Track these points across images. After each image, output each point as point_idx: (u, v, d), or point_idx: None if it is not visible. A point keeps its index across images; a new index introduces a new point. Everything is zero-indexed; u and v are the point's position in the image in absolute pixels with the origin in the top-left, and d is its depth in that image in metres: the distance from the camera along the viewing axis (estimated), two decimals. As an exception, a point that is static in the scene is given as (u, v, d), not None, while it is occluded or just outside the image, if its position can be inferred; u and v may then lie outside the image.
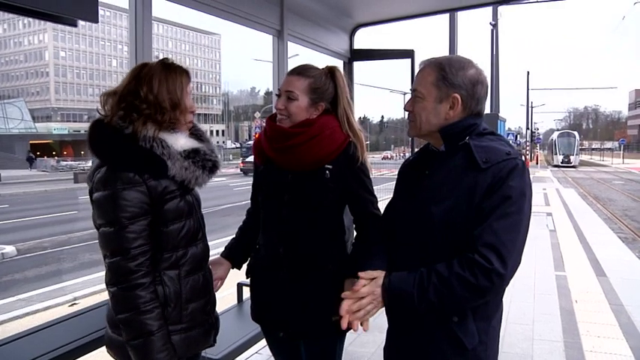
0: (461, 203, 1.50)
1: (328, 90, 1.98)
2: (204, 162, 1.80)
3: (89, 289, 6.80)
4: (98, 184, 1.64)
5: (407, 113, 1.69)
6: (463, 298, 1.45)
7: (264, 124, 2.17)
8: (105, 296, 1.81)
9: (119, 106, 1.68)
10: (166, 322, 1.68)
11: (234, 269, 2.20)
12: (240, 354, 2.83)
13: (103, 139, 1.69)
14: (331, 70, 2.01)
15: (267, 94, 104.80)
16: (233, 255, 2.18)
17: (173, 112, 1.71)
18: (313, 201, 1.94)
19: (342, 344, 2.13)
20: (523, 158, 1.61)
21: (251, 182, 2.17)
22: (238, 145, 63.00)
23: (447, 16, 4.84)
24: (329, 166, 1.92)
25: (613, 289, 6.00)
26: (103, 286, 1.69)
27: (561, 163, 48.77)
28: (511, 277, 1.46)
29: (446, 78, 1.58)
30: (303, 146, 1.91)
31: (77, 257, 9.35)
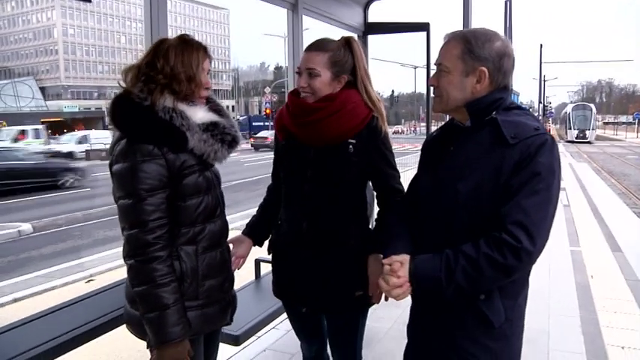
0: (487, 180, 1.47)
1: (348, 61, 1.94)
2: (224, 136, 1.79)
3: (105, 266, 6.89)
4: (118, 156, 1.64)
5: (432, 88, 1.65)
6: (491, 278, 1.42)
7: (274, 99, 2.13)
8: (121, 274, 1.81)
9: (138, 79, 1.69)
10: (182, 296, 1.68)
11: (255, 246, 2.19)
12: (258, 330, 2.85)
13: (122, 111, 1.70)
14: (348, 41, 1.96)
15: (277, 69, 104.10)
16: (255, 232, 2.17)
17: (188, 85, 1.70)
18: (336, 176, 1.92)
19: (365, 319, 2.13)
20: None
21: (262, 158, 2.15)
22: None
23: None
24: (352, 141, 1.89)
25: (629, 263, 5.96)
26: (119, 262, 1.69)
27: (576, 138, 44.78)
28: (539, 255, 1.43)
29: (472, 51, 1.53)
30: (325, 121, 1.88)
31: (92, 234, 9.45)
